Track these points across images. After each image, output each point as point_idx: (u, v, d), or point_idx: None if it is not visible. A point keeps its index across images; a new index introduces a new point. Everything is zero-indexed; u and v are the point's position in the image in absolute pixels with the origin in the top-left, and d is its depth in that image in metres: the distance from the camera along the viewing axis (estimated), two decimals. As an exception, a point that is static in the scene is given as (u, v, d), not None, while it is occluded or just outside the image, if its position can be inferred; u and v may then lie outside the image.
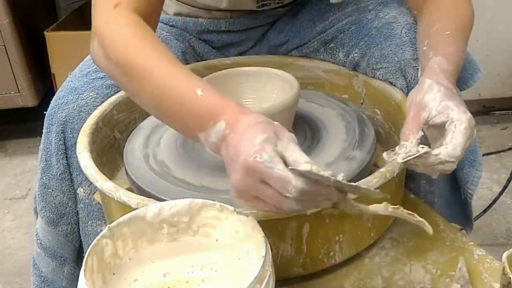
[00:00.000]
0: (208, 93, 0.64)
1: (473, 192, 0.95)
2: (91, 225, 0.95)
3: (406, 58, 0.91)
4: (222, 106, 0.62)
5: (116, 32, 0.73)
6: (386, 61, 0.92)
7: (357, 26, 0.97)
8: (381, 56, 0.93)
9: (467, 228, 1.03)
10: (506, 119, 2.00)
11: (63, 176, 0.93)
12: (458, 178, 0.95)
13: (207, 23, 1.09)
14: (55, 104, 0.93)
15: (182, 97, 0.65)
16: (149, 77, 0.67)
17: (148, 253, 0.64)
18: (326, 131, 0.88)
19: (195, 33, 1.10)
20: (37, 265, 1.02)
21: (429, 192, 0.97)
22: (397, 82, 0.92)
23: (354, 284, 0.75)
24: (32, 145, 2.02)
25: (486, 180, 1.67)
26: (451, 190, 0.99)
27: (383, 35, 0.93)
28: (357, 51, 0.96)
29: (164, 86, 0.66)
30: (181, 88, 0.66)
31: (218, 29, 1.09)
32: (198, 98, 0.63)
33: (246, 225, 0.62)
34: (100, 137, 0.91)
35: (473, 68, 0.98)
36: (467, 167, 0.93)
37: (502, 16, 1.80)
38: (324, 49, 1.03)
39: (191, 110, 0.64)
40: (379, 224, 0.79)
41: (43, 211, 0.96)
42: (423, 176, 0.96)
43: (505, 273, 0.63)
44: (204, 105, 0.63)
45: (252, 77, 0.93)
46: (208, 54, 1.13)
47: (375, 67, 0.94)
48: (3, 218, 1.68)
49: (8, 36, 1.85)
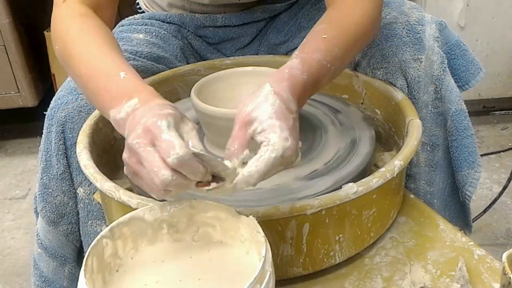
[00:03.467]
0: (131, 76, 0.69)
1: (472, 194, 0.95)
2: (91, 225, 0.95)
3: (407, 59, 0.91)
4: (140, 88, 0.67)
5: (60, 26, 0.81)
6: (387, 61, 0.92)
7: None
8: (381, 56, 0.93)
9: (466, 230, 1.04)
10: (506, 119, 2.00)
11: (64, 176, 0.93)
12: (457, 180, 0.95)
13: (203, 18, 1.11)
14: (55, 104, 0.93)
15: (107, 76, 0.70)
16: (80, 61, 0.75)
17: (148, 253, 0.65)
18: (326, 132, 0.88)
19: (192, 29, 1.12)
20: (37, 265, 1.02)
21: (428, 193, 0.97)
22: (397, 82, 0.92)
23: (354, 284, 0.75)
24: (32, 145, 2.02)
25: (486, 180, 1.67)
26: (450, 192, 0.99)
27: (383, 35, 0.93)
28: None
29: (93, 68, 0.73)
30: (107, 69, 0.71)
31: (214, 24, 1.10)
32: (120, 79, 0.68)
33: (246, 225, 0.62)
34: (100, 137, 0.91)
35: (474, 68, 0.98)
36: (465, 169, 0.93)
37: (502, 16, 1.80)
38: None
39: (110, 88, 0.68)
40: (379, 224, 0.79)
41: (44, 211, 0.96)
42: (423, 177, 0.96)
43: (505, 273, 0.63)
44: (124, 85, 0.68)
45: (252, 77, 0.93)
46: (205, 51, 1.14)
47: (376, 67, 0.94)
48: (3, 218, 1.68)
49: (8, 36, 1.85)
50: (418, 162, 0.95)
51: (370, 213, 0.75)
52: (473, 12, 1.78)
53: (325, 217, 0.70)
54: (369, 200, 0.74)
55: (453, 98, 0.91)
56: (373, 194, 0.73)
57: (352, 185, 0.69)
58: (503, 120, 2.01)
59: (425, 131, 0.94)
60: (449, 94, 0.91)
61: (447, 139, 0.94)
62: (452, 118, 0.92)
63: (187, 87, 1.00)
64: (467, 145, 0.92)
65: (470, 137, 0.92)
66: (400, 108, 0.89)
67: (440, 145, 0.95)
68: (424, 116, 0.94)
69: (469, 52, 0.98)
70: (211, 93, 0.89)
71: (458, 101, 0.92)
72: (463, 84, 0.98)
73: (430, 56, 0.91)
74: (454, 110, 0.91)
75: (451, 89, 0.92)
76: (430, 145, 0.95)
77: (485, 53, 1.83)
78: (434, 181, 0.97)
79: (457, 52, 0.97)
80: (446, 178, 0.98)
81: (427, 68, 0.91)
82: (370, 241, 0.79)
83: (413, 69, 0.91)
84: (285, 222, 0.69)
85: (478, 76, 0.98)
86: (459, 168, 0.94)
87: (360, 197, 0.70)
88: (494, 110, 2.02)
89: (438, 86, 0.92)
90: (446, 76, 0.92)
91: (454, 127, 0.92)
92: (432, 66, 0.91)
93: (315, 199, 0.68)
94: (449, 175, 0.98)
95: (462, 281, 0.72)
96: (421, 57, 0.91)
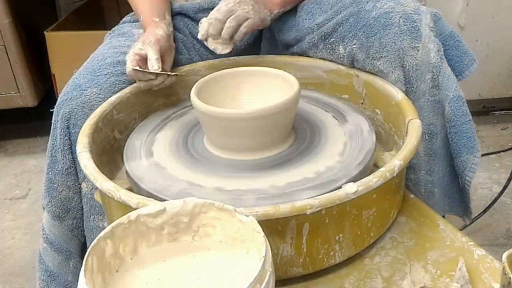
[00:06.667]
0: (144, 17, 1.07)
1: (471, 179, 0.95)
2: (93, 219, 0.96)
3: (405, 47, 0.92)
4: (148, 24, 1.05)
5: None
6: (386, 50, 0.93)
7: (355, 18, 0.97)
8: (380, 46, 0.93)
9: (465, 217, 1.04)
10: (506, 119, 2.00)
11: (69, 171, 0.95)
12: (456, 166, 0.96)
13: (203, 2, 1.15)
14: (60, 100, 0.95)
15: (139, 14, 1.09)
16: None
17: (148, 253, 0.65)
18: (326, 136, 0.88)
19: (192, 14, 1.15)
20: (43, 259, 1.03)
21: (429, 182, 0.98)
22: (395, 72, 0.93)
23: (354, 284, 0.75)
24: (32, 145, 2.01)
25: (486, 180, 1.67)
26: (450, 180, 1.00)
27: (381, 24, 0.93)
28: (356, 42, 0.97)
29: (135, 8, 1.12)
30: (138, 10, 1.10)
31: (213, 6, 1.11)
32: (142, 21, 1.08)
33: (246, 225, 0.62)
34: (100, 137, 0.91)
35: (468, 59, 0.99)
36: (465, 155, 0.93)
37: (502, 16, 1.80)
38: (324, 45, 1.03)
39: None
40: (379, 224, 0.79)
41: (49, 206, 0.98)
42: (422, 166, 0.97)
43: (505, 273, 0.63)
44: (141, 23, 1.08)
45: (252, 77, 0.93)
46: None
47: (375, 57, 0.95)
48: (3, 218, 1.68)
49: (8, 36, 1.85)
50: (417, 152, 0.96)
51: (370, 213, 0.75)
52: (473, 12, 1.78)
53: (325, 217, 0.70)
54: (369, 200, 0.74)
55: (450, 85, 0.92)
56: (373, 194, 0.73)
57: (352, 185, 0.69)
58: (503, 120, 2.00)
59: (423, 120, 0.94)
60: (446, 81, 0.92)
61: (445, 128, 0.95)
62: (450, 105, 0.92)
63: (187, 87, 1.00)
64: (466, 131, 0.93)
65: (468, 122, 0.93)
66: (400, 108, 0.89)
67: (438, 133, 0.96)
68: (422, 105, 0.94)
69: (462, 43, 0.99)
70: (211, 93, 0.89)
71: (455, 87, 0.92)
72: (457, 74, 0.98)
73: (427, 44, 0.92)
74: (451, 96, 0.92)
75: (448, 76, 0.92)
76: (428, 134, 0.95)
77: (485, 53, 1.83)
78: (434, 170, 0.98)
79: (451, 43, 0.98)
80: (445, 167, 0.98)
81: (424, 56, 0.92)
82: (370, 241, 0.79)
83: (411, 57, 0.92)
84: (285, 222, 0.69)
85: (472, 67, 0.99)
86: (458, 153, 0.94)
87: (360, 197, 0.70)
88: (494, 110, 2.02)
89: (435, 74, 0.92)
90: (443, 63, 0.93)
91: (452, 113, 0.92)
92: (429, 54, 0.92)
93: (315, 199, 0.68)
94: (448, 163, 0.98)
95: (462, 281, 0.72)
96: (418, 45, 0.91)
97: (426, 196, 0.99)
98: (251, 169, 0.81)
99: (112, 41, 1.09)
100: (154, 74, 0.93)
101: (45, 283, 1.03)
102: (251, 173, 0.80)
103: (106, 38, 1.16)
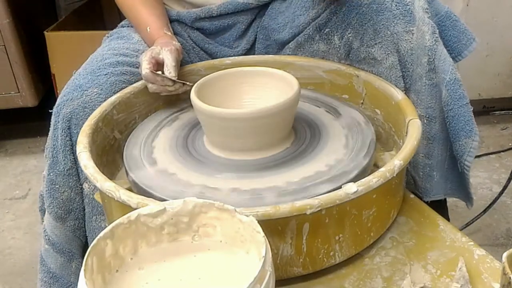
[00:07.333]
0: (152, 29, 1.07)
1: (470, 163, 0.95)
2: (95, 220, 0.96)
3: (399, 31, 0.92)
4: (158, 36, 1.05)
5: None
6: (380, 36, 0.93)
7: (348, 6, 0.97)
8: (374, 32, 0.93)
9: (467, 203, 1.03)
10: (506, 119, 2.00)
11: (70, 172, 0.95)
12: (455, 150, 0.95)
13: (199, 11, 1.15)
14: (60, 101, 0.95)
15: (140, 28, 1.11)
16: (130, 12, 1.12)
17: (148, 253, 0.65)
18: (326, 131, 0.88)
19: (189, 22, 1.16)
20: (44, 261, 1.02)
21: (427, 165, 0.97)
22: (389, 58, 0.93)
23: (354, 284, 0.75)
24: (32, 145, 2.01)
25: (486, 180, 1.67)
26: (450, 164, 0.99)
27: (373, 10, 0.93)
28: (350, 30, 0.97)
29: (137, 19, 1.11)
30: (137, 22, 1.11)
31: (210, 15, 1.14)
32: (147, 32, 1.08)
33: (246, 225, 0.62)
34: (100, 137, 0.91)
35: (466, 38, 0.98)
36: (463, 138, 0.93)
37: (502, 16, 1.80)
38: (320, 36, 1.03)
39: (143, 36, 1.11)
40: (379, 224, 0.79)
41: (51, 207, 0.97)
42: (421, 150, 0.97)
43: (505, 273, 0.63)
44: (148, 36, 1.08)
45: (252, 77, 0.93)
46: (204, 41, 1.17)
47: (370, 44, 0.95)
48: (3, 218, 1.68)
49: (8, 36, 1.85)
50: None
51: (370, 213, 0.75)
52: (473, 12, 1.78)
53: (325, 217, 0.70)
54: (369, 200, 0.74)
55: (446, 68, 0.91)
56: (373, 194, 0.73)
57: (352, 185, 0.69)
58: (503, 120, 2.00)
59: (421, 104, 0.94)
60: (442, 63, 0.91)
61: (443, 111, 0.94)
62: (446, 88, 0.91)
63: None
64: (463, 114, 0.92)
65: (466, 105, 0.92)
66: (400, 108, 0.89)
67: (437, 117, 0.95)
68: (419, 88, 0.94)
69: (460, 23, 0.98)
70: (211, 93, 0.89)
71: (452, 70, 0.91)
72: (455, 55, 0.98)
73: (421, 27, 0.91)
74: (448, 79, 0.91)
75: (444, 58, 0.91)
76: (426, 118, 0.95)
77: (485, 53, 1.83)
78: (433, 153, 0.97)
79: (447, 23, 0.97)
80: (444, 151, 0.98)
81: (419, 39, 0.91)
82: (370, 241, 0.79)
83: (405, 42, 0.92)
84: (285, 222, 0.69)
85: (471, 47, 0.98)
86: (457, 138, 0.94)
87: (360, 197, 0.70)
88: (494, 110, 2.02)
89: (431, 57, 0.92)
90: (438, 46, 0.92)
91: (449, 96, 0.91)
92: (424, 37, 0.91)
93: (315, 199, 0.68)
94: (447, 148, 0.98)
95: (462, 281, 0.72)
96: (412, 28, 0.91)
97: (424, 179, 0.99)
98: (258, 168, 0.81)
99: (111, 43, 1.09)
100: (172, 80, 0.94)
101: (47, 284, 1.02)
102: (262, 172, 0.80)
103: (105, 40, 1.16)
